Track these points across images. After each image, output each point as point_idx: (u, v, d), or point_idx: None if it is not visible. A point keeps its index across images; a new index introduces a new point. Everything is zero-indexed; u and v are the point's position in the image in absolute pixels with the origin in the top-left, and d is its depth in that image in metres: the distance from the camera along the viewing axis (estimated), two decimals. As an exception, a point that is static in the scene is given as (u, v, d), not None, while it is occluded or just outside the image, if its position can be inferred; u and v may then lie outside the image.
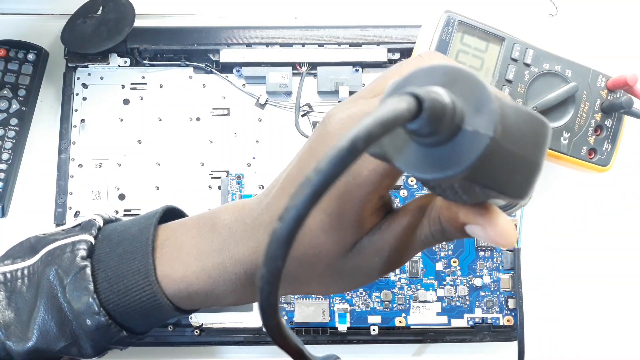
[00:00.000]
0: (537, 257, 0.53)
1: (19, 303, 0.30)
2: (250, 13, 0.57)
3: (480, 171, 0.17)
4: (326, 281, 0.26)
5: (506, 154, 0.17)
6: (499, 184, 0.18)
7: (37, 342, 0.29)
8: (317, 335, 0.50)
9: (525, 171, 0.18)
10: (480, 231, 0.21)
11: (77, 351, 0.30)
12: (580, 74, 0.46)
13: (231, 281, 0.27)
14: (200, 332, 0.50)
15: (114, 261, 0.29)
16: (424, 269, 0.51)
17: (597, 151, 0.47)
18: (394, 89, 0.19)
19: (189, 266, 0.28)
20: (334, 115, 0.24)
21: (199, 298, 0.29)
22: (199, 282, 0.28)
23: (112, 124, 0.53)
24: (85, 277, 0.29)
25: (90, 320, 0.29)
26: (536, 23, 0.57)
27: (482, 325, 0.50)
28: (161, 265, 0.29)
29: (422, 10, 0.55)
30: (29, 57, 0.54)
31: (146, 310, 0.29)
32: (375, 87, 0.25)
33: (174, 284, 0.28)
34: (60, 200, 0.52)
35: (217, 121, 0.54)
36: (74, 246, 0.30)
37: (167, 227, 0.30)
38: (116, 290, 0.29)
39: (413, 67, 0.23)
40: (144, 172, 0.53)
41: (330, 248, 0.24)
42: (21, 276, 0.30)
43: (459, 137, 0.17)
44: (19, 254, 0.31)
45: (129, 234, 0.30)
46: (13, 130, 0.53)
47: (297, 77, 0.54)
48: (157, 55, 0.54)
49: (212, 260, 0.28)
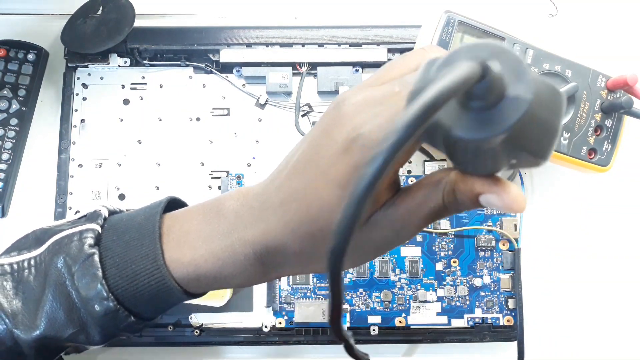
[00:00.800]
0: (537, 257, 0.53)
1: (27, 292, 0.30)
2: (250, 13, 0.57)
3: (518, 133, 0.20)
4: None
5: (537, 119, 0.20)
6: (531, 145, 0.21)
7: (45, 329, 0.30)
8: (317, 335, 0.50)
9: (549, 135, 0.21)
10: (496, 199, 0.23)
11: (85, 338, 0.31)
12: (580, 74, 0.46)
13: (240, 262, 0.28)
14: (200, 332, 0.50)
15: (121, 248, 0.30)
16: (424, 269, 0.51)
17: (597, 151, 0.47)
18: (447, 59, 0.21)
19: (197, 249, 0.29)
20: (348, 99, 0.25)
21: (207, 280, 0.29)
22: (207, 264, 0.29)
23: (112, 124, 0.53)
24: (94, 264, 0.29)
25: (99, 305, 0.29)
26: (536, 23, 0.57)
27: (482, 325, 0.50)
28: (169, 250, 0.29)
29: (422, 10, 0.55)
30: (29, 57, 0.54)
31: (155, 294, 0.29)
32: (382, 76, 0.26)
33: (183, 267, 0.29)
34: (60, 200, 0.52)
35: (217, 121, 0.54)
36: (81, 235, 0.30)
37: (171, 216, 0.31)
38: (124, 275, 0.29)
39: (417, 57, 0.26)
40: (144, 172, 0.53)
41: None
42: (28, 266, 0.31)
43: (503, 102, 0.19)
44: (25, 245, 0.32)
45: (135, 222, 0.30)
46: (13, 130, 0.53)
47: (297, 77, 0.54)
48: (157, 55, 0.54)
49: (221, 243, 0.28)
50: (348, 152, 0.24)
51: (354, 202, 0.18)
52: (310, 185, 0.26)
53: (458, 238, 0.51)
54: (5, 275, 0.31)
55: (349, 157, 0.24)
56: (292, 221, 0.26)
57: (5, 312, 0.30)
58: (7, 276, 0.31)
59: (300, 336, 0.50)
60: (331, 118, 0.26)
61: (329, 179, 0.25)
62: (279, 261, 0.28)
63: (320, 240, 0.26)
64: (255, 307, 0.50)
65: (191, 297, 0.31)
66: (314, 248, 0.27)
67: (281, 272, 0.29)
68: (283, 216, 0.27)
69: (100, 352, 0.51)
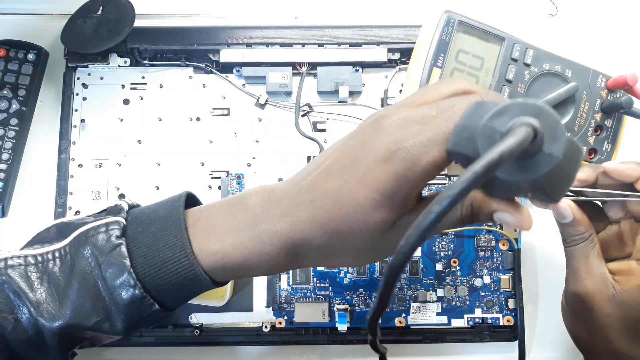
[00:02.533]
0: (537, 257, 0.53)
1: (52, 282, 0.31)
2: (250, 13, 0.57)
3: (544, 180, 0.24)
4: (360, 254, 0.30)
5: (561, 171, 0.24)
6: (550, 189, 0.25)
7: (70, 318, 0.31)
8: (317, 335, 0.50)
9: (565, 183, 0.26)
10: (510, 217, 0.28)
11: (108, 327, 0.32)
12: (580, 74, 0.46)
13: (266, 251, 0.30)
14: (200, 332, 0.50)
15: (148, 239, 0.31)
16: (424, 269, 0.51)
17: (597, 151, 0.47)
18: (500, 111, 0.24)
19: (225, 239, 0.31)
20: (390, 115, 0.29)
21: (234, 268, 0.31)
22: (235, 252, 0.30)
23: (112, 124, 0.53)
24: (121, 253, 0.30)
25: (126, 293, 0.30)
26: (536, 23, 0.57)
27: (482, 325, 0.50)
28: (196, 240, 0.31)
29: (422, 10, 0.55)
30: (29, 57, 0.54)
31: (182, 282, 0.31)
32: (418, 99, 0.30)
33: (210, 255, 0.31)
34: (60, 200, 0.52)
35: (217, 121, 0.54)
36: (107, 227, 0.31)
37: (195, 210, 0.33)
38: (152, 264, 0.31)
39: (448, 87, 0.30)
40: (144, 172, 0.53)
41: (377, 223, 0.28)
42: (52, 258, 0.32)
43: (539, 155, 0.23)
44: (47, 238, 0.33)
45: (158, 215, 0.32)
46: (13, 130, 0.53)
47: (297, 77, 0.54)
48: (157, 55, 0.54)
49: (249, 233, 0.30)
50: (388, 162, 0.27)
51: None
52: (346, 186, 0.28)
53: (458, 238, 0.51)
54: (29, 267, 0.32)
55: (389, 166, 0.27)
56: (322, 217, 0.29)
57: (30, 302, 0.31)
58: (31, 267, 0.32)
59: (300, 336, 0.50)
60: (372, 130, 0.29)
61: (366, 183, 0.28)
62: (303, 253, 0.30)
63: (347, 237, 0.29)
64: (255, 307, 0.50)
65: (216, 286, 0.32)
66: (339, 244, 0.29)
67: (302, 263, 0.32)
68: (313, 212, 0.29)
69: (100, 352, 0.51)
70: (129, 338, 0.49)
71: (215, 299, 0.49)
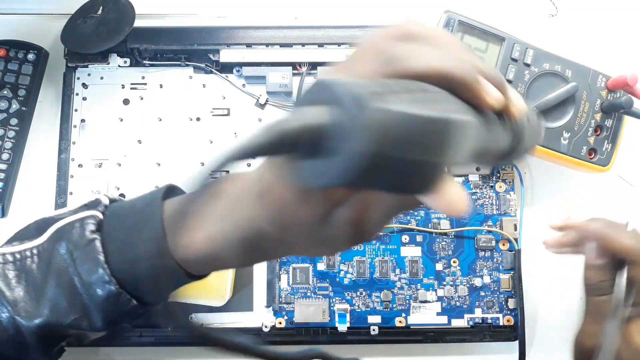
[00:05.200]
0: (537, 257, 0.53)
1: (29, 280, 0.31)
2: (250, 13, 0.57)
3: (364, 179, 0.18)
4: (306, 246, 0.29)
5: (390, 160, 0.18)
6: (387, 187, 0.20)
7: (48, 316, 0.30)
8: (317, 335, 0.50)
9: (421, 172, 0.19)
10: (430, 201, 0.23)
11: (87, 324, 0.31)
12: (580, 74, 0.46)
13: (234, 246, 0.29)
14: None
15: (123, 233, 0.30)
16: (424, 269, 0.51)
17: (597, 151, 0.47)
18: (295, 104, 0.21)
19: (195, 233, 0.29)
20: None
21: (206, 262, 0.30)
22: (206, 247, 0.29)
23: (112, 124, 0.53)
24: (96, 249, 0.30)
25: (101, 289, 0.30)
26: (536, 23, 0.57)
27: (482, 325, 0.50)
28: (170, 234, 0.30)
29: (422, 10, 0.55)
30: (29, 57, 0.54)
31: (157, 277, 0.30)
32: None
33: (183, 249, 0.30)
34: (60, 200, 0.52)
35: (217, 121, 0.54)
36: (82, 222, 0.31)
37: (172, 201, 0.32)
38: (126, 259, 0.30)
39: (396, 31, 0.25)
40: (144, 172, 0.53)
41: (303, 218, 0.26)
42: (30, 255, 0.32)
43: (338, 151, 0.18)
44: (27, 235, 0.33)
45: (135, 208, 0.31)
46: (13, 130, 0.53)
47: (297, 77, 0.54)
48: (157, 55, 0.54)
49: (216, 227, 0.29)
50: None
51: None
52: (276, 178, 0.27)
53: (458, 238, 0.51)
54: (7, 264, 0.31)
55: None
56: (268, 211, 0.27)
57: (7, 300, 0.31)
58: (9, 265, 0.31)
59: (300, 336, 0.50)
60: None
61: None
62: (264, 246, 0.29)
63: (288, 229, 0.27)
64: (255, 307, 0.50)
65: (193, 280, 0.32)
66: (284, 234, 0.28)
67: (267, 256, 0.31)
68: (262, 206, 0.27)
69: (100, 352, 0.51)
70: (127, 337, 0.49)
71: (215, 299, 0.49)
